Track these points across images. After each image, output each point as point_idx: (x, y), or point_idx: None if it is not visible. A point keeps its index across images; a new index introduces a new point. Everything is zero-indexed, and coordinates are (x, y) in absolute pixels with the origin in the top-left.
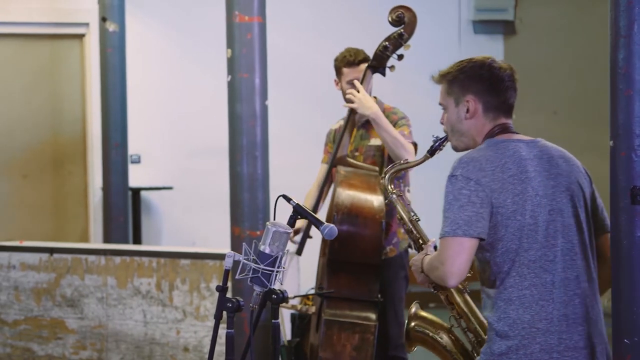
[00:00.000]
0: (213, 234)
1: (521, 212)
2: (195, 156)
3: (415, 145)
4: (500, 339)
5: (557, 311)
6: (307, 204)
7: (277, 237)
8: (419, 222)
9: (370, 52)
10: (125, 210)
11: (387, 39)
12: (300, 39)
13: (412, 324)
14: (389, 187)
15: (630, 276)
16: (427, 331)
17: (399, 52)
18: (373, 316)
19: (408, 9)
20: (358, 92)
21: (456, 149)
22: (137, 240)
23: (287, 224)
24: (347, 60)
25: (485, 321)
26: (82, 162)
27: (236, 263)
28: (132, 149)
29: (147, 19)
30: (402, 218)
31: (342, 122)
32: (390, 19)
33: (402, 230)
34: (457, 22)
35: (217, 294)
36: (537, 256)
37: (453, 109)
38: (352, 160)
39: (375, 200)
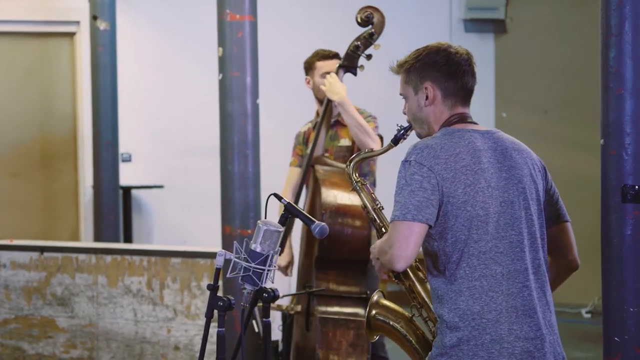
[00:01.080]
0: (204, 232)
1: (472, 203)
2: (186, 155)
3: (381, 137)
4: (451, 331)
5: (506, 302)
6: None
7: (268, 235)
8: (382, 211)
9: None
10: (116, 209)
11: (358, 38)
12: (290, 38)
13: (373, 312)
14: (353, 175)
15: (621, 274)
16: (388, 320)
17: (367, 51)
18: (363, 312)
19: (376, 9)
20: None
21: (420, 136)
22: (128, 239)
23: (279, 222)
24: (321, 54)
25: None
26: (73, 161)
27: (227, 262)
28: (123, 147)
29: (138, 17)
30: (365, 207)
31: (310, 125)
32: (358, 19)
33: None
34: (448, 20)
35: (207, 292)
36: (487, 247)
37: (413, 97)
38: (327, 160)
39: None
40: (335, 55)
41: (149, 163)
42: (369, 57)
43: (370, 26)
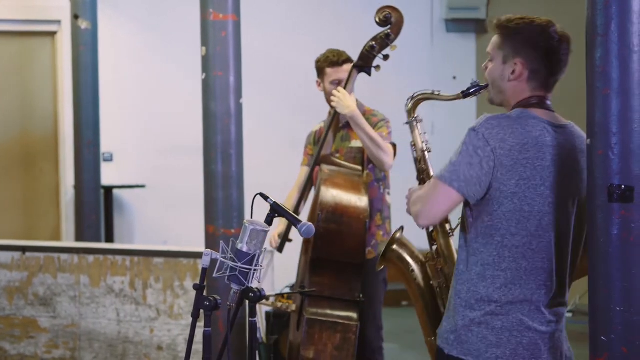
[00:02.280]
0: (185, 232)
1: (520, 196)
2: (168, 154)
3: (394, 146)
4: (464, 310)
5: (523, 295)
6: (287, 205)
7: (254, 235)
8: (429, 153)
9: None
10: (98, 209)
11: (374, 39)
12: (273, 37)
13: (393, 246)
14: (412, 112)
15: (607, 274)
16: (404, 256)
17: (384, 52)
18: (354, 316)
19: (395, 9)
20: (338, 91)
21: (492, 101)
22: (110, 238)
23: (265, 222)
24: (331, 60)
25: None
26: (54, 160)
27: (213, 261)
28: (104, 147)
29: (120, 17)
30: (415, 144)
31: (322, 125)
32: (377, 19)
33: (381, 233)
34: (430, 20)
35: (191, 292)
36: (521, 243)
37: (499, 64)
38: (335, 160)
39: (360, 200)
40: (345, 61)
41: (131, 162)
42: (386, 57)
43: (388, 26)
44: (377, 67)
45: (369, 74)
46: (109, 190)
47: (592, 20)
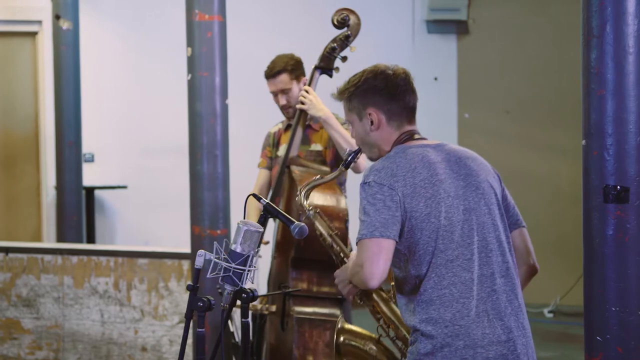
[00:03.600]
0: (167, 233)
1: (435, 214)
2: (150, 155)
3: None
4: (425, 339)
5: (476, 307)
6: (250, 211)
7: (248, 236)
8: (338, 236)
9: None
10: (79, 210)
11: (334, 40)
12: (258, 38)
13: (341, 338)
14: (305, 203)
15: (602, 274)
16: (356, 344)
17: (343, 53)
18: (338, 312)
19: (352, 11)
20: (308, 93)
21: (371, 159)
22: (91, 239)
23: (258, 222)
24: (265, 72)
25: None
26: (35, 161)
27: (205, 262)
28: (85, 147)
29: (101, 17)
30: (321, 234)
31: (280, 126)
32: (335, 21)
33: None
34: (411, 21)
35: (175, 293)
36: (454, 255)
37: (358, 123)
38: (303, 161)
39: (338, 199)
40: (278, 72)
41: (112, 163)
42: (344, 58)
43: (346, 28)
44: (337, 68)
45: (330, 76)
46: (90, 190)
47: (588, 21)
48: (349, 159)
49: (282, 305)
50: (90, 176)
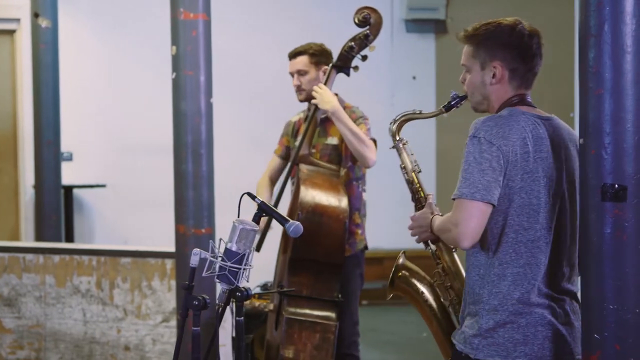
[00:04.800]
0: (146, 231)
1: (527, 190)
2: (129, 154)
3: (374, 141)
4: (488, 314)
5: (545, 290)
6: (260, 194)
7: (244, 234)
8: (420, 174)
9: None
10: (58, 209)
11: (353, 39)
12: (243, 37)
13: (399, 273)
14: (397, 134)
15: (600, 272)
16: (412, 281)
17: (363, 52)
18: (333, 315)
19: (374, 10)
20: (320, 88)
21: (476, 110)
22: (70, 238)
23: (252, 220)
24: (288, 54)
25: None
26: (13, 160)
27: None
28: (63, 146)
29: (80, 15)
30: (405, 167)
31: (302, 115)
32: (356, 20)
33: (360, 232)
34: (390, 20)
35: (158, 292)
36: (536, 237)
37: (478, 72)
38: (314, 160)
39: (339, 200)
40: (297, 54)
41: (91, 162)
42: (364, 58)
43: (367, 27)
44: (356, 67)
45: (348, 74)
46: (68, 189)
47: (585, 21)
48: (453, 102)
49: (278, 305)
50: (68, 175)
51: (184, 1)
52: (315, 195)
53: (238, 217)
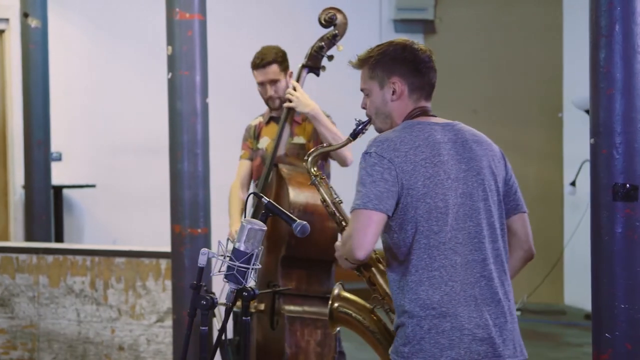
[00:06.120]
0: (135, 231)
1: (431, 195)
2: (118, 154)
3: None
4: (412, 320)
5: (464, 292)
6: (235, 198)
7: (252, 234)
8: (341, 205)
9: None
10: (48, 209)
11: (321, 39)
12: (238, 37)
13: (335, 304)
14: (312, 169)
15: (611, 272)
16: (350, 312)
17: (330, 52)
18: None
19: (339, 10)
20: (295, 90)
21: (381, 130)
22: (59, 238)
23: (259, 220)
24: (254, 63)
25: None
26: (2, 160)
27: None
28: (52, 146)
29: (70, 15)
30: (324, 200)
31: (261, 119)
32: (322, 20)
33: None
34: (378, 21)
35: (153, 292)
36: (447, 238)
37: (377, 92)
38: (291, 159)
39: None
40: (269, 63)
41: (80, 162)
42: (330, 57)
43: (333, 27)
44: (323, 67)
45: (318, 75)
46: (58, 190)
47: (596, 21)
48: (358, 128)
49: (271, 304)
50: (57, 175)
51: (180, 1)
52: (304, 194)
53: (245, 217)
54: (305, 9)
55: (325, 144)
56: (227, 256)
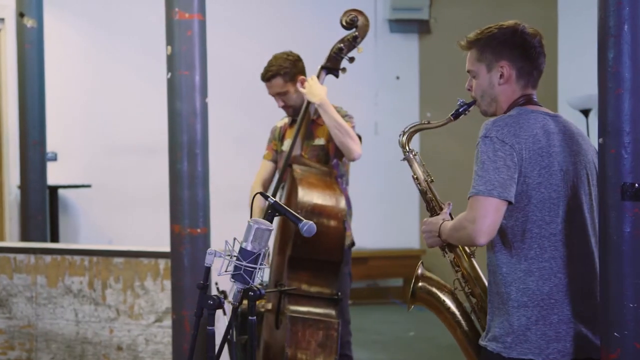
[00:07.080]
0: (131, 231)
1: (546, 185)
2: (114, 154)
3: (359, 137)
4: (518, 310)
5: (572, 285)
6: (255, 204)
7: (259, 234)
8: (432, 183)
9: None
10: (44, 209)
11: (342, 41)
12: (238, 37)
13: (420, 284)
14: (407, 145)
15: (620, 271)
16: (432, 290)
17: (350, 54)
18: (334, 313)
19: (361, 12)
20: (311, 80)
21: (486, 113)
22: (55, 238)
23: (266, 220)
24: (261, 75)
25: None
26: None
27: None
28: (49, 146)
29: (66, 15)
30: (417, 178)
31: (286, 120)
32: (343, 22)
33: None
34: (374, 20)
35: (151, 292)
36: (557, 230)
37: (485, 74)
38: (306, 160)
39: (337, 198)
40: (271, 77)
41: (76, 162)
42: (351, 59)
43: (354, 29)
44: (344, 69)
45: (337, 76)
46: (53, 190)
47: (605, 21)
48: (460, 110)
49: (277, 304)
50: (53, 175)
51: (179, 1)
52: (313, 195)
53: (250, 216)
54: (305, 9)
55: (424, 121)
56: (234, 256)
